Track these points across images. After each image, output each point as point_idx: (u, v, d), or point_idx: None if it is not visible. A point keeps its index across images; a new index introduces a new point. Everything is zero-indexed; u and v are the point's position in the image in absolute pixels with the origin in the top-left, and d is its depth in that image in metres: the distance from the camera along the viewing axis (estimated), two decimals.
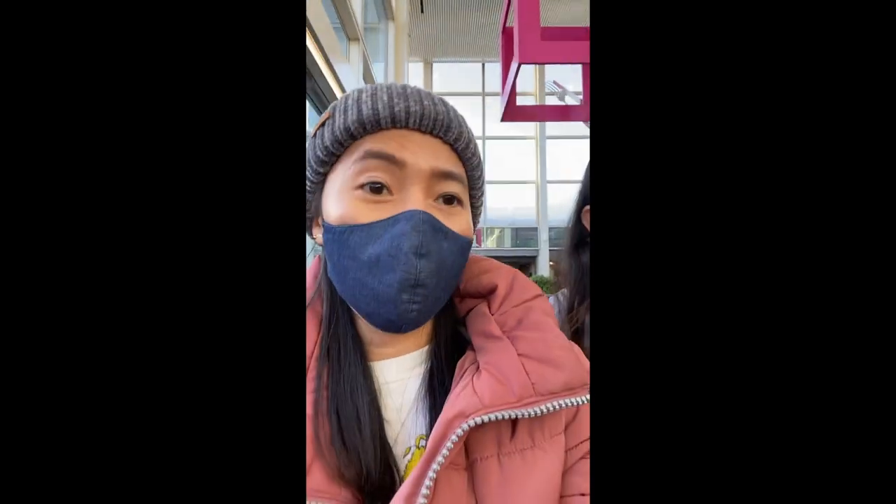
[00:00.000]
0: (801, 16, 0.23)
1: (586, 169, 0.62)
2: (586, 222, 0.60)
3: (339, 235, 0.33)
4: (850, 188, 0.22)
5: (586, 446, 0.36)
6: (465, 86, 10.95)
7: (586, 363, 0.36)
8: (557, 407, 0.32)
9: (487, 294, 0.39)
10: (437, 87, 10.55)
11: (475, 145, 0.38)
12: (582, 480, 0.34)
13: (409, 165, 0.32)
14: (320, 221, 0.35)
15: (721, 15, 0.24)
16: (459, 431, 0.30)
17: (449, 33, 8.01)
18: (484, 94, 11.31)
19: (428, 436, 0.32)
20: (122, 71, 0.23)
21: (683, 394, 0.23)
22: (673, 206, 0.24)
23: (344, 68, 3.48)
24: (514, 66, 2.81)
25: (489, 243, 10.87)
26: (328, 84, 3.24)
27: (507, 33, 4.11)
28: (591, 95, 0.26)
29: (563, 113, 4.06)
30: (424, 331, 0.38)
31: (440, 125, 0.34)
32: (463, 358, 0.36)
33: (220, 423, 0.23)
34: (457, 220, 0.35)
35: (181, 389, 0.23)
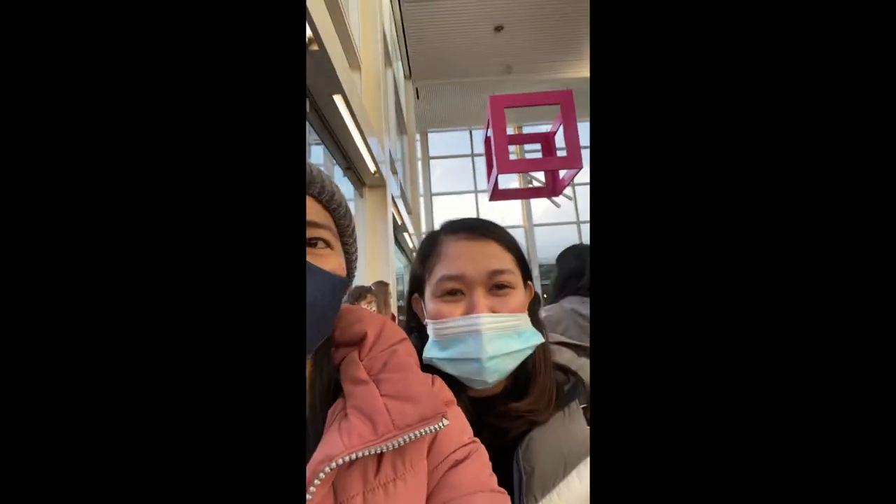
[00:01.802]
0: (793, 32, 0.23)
1: (416, 253, 0.60)
2: (416, 310, 0.59)
3: None
4: (838, 203, 0.22)
5: (448, 461, 0.39)
6: (456, 150, 12.65)
7: (445, 394, 0.43)
8: (414, 436, 0.35)
9: (359, 342, 0.42)
10: (433, 152, 12.17)
11: (339, 198, 0.42)
12: (449, 491, 0.38)
13: None
14: None
15: (715, 29, 0.24)
16: (322, 474, 0.31)
17: (440, 110, 9.73)
18: (473, 156, 12.98)
19: None
20: (124, 78, 0.23)
21: (682, 394, 0.23)
22: (670, 210, 0.24)
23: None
24: (494, 171, 4.68)
25: None
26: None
27: (487, 142, 6.18)
28: (591, 96, 0.27)
29: (534, 192, 5.93)
30: None
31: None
32: (333, 406, 0.38)
33: (215, 426, 0.23)
34: (325, 261, 0.38)
35: (181, 389, 0.23)
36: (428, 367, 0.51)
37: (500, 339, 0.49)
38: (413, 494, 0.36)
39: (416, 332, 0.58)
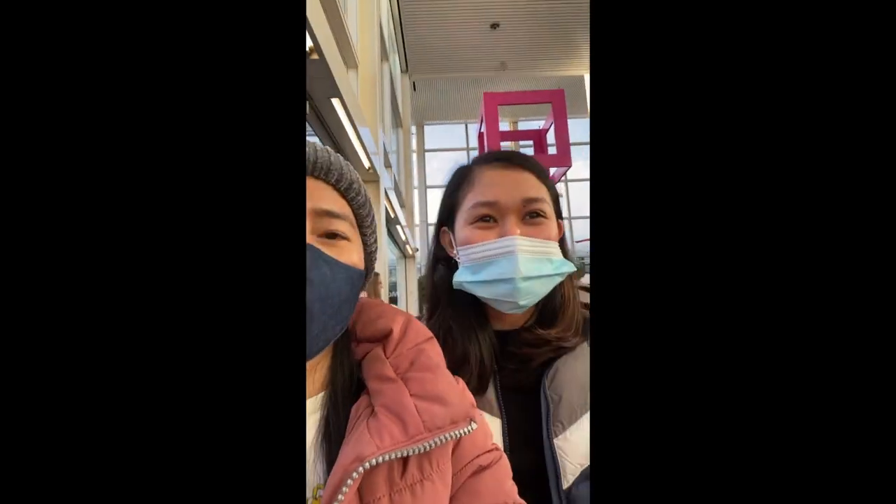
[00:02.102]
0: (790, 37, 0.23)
1: (445, 187, 0.60)
2: (444, 243, 0.59)
3: None
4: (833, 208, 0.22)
5: (472, 466, 0.38)
6: (451, 143, 12.75)
7: (470, 397, 0.41)
8: (444, 440, 0.34)
9: (382, 338, 0.41)
10: (428, 145, 12.28)
11: (358, 186, 0.40)
12: (470, 498, 0.37)
13: None
14: None
15: (714, 27, 0.24)
16: (354, 475, 0.31)
17: (436, 103, 9.83)
18: (468, 149, 13.10)
19: (325, 485, 0.32)
20: (124, 78, 0.23)
21: (681, 396, 0.23)
22: (669, 207, 0.24)
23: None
24: None
25: None
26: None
27: (481, 137, 6.42)
28: (590, 93, 0.31)
29: None
30: (319, 377, 0.40)
31: (320, 168, 0.37)
32: (357, 403, 0.38)
33: (213, 426, 0.23)
34: (342, 253, 0.37)
35: (180, 390, 0.23)
36: (458, 295, 0.54)
37: (533, 261, 0.50)
38: (439, 497, 0.35)
39: (445, 263, 0.59)
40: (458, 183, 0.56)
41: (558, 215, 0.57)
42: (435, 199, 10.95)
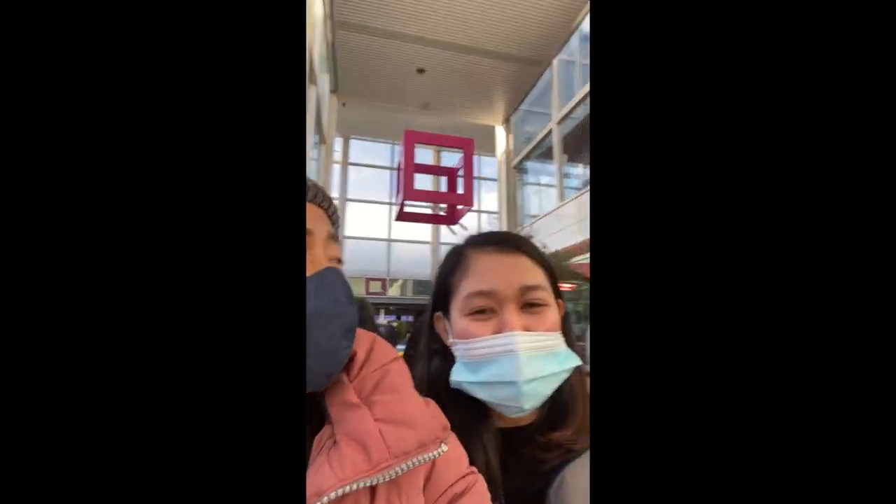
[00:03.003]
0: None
1: (438, 270, 0.55)
2: (439, 330, 0.53)
3: None
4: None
5: (447, 495, 0.36)
6: (378, 160, 13.24)
7: (441, 418, 0.38)
8: (411, 465, 0.32)
9: (346, 361, 0.39)
10: (353, 159, 12.58)
11: (333, 205, 0.43)
12: None
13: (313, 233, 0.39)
14: None
15: (712, 32, 0.24)
16: None
17: (365, 121, 10.32)
18: (392, 168, 13.66)
19: None
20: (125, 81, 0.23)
21: (682, 395, 0.23)
22: (668, 212, 0.24)
23: None
24: (401, 196, 5.59)
25: (393, 291, 12.74)
26: None
27: (399, 170, 7.18)
28: (590, 101, 0.27)
29: (435, 219, 6.96)
30: None
31: (322, 197, 0.41)
32: (320, 433, 0.36)
33: (216, 436, 0.23)
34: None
35: (180, 391, 0.22)
36: (457, 392, 0.49)
37: (537, 360, 0.45)
38: None
39: (441, 354, 0.53)
40: (452, 268, 0.53)
41: (557, 296, 0.53)
42: (355, 212, 11.24)
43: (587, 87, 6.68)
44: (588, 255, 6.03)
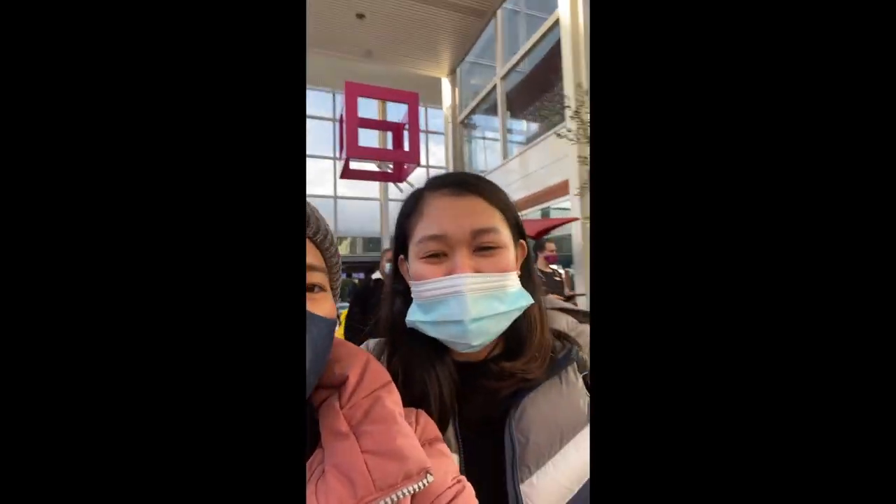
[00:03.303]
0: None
1: (399, 213, 0.55)
2: (403, 272, 0.54)
3: None
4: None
5: (438, 502, 0.37)
6: (320, 111, 12.51)
7: (429, 431, 0.41)
8: (397, 498, 0.33)
9: (339, 385, 0.40)
10: None
11: (331, 237, 0.41)
12: None
13: None
14: None
15: (712, 30, 0.24)
16: None
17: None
18: (334, 120, 13.00)
19: None
20: (124, 79, 0.23)
21: (682, 391, 0.23)
22: (669, 210, 0.24)
23: None
24: (344, 154, 5.50)
25: (342, 250, 12.65)
26: None
27: (341, 121, 6.95)
28: (590, 100, 0.27)
29: (381, 176, 6.85)
30: None
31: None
32: (312, 458, 0.37)
33: (215, 429, 0.23)
34: (319, 305, 0.38)
35: (180, 391, 0.22)
36: (413, 331, 0.51)
37: (484, 300, 0.47)
38: None
39: (402, 295, 0.55)
40: (409, 211, 0.53)
41: (521, 237, 0.54)
42: None
43: (533, 39, 6.68)
44: (528, 210, 6.36)
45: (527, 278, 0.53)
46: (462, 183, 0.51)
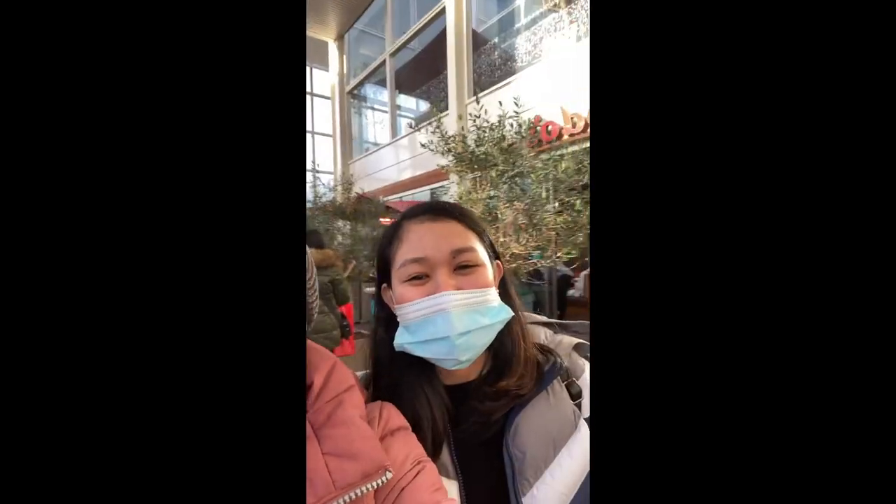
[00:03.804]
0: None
1: (378, 242, 0.58)
2: (386, 300, 0.56)
3: None
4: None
5: (396, 489, 0.40)
6: None
7: (392, 422, 0.44)
8: (355, 496, 0.35)
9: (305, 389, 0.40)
10: None
11: (315, 287, 0.43)
12: None
13: None
14: None
15: (711, 29, 0.24)
16: None
17: None
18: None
19: None
20: (124, 76, 0.23)
21: (681, 393, 0.23)
22: (668, 211, 0.24)
23: None
24: None
25: None
26: None
27: None
28: (590, 100, 0.27)
29: None
30: None
31: None
32: None
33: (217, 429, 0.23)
34: None
35: (179, 392, 0.23)
36: (401, 354, 0.52)
37: (468, 315, 0.48)
38: None
39: (386, 322, 0.57)
40: (390, 240, 0.56)
41: (495, 257, 0.57)
42: None
43: (422, 21, 6.79)
44: (417, 191, 6.68)
45: (505, 294, 0.56)
46: (438, 209, 0.55)
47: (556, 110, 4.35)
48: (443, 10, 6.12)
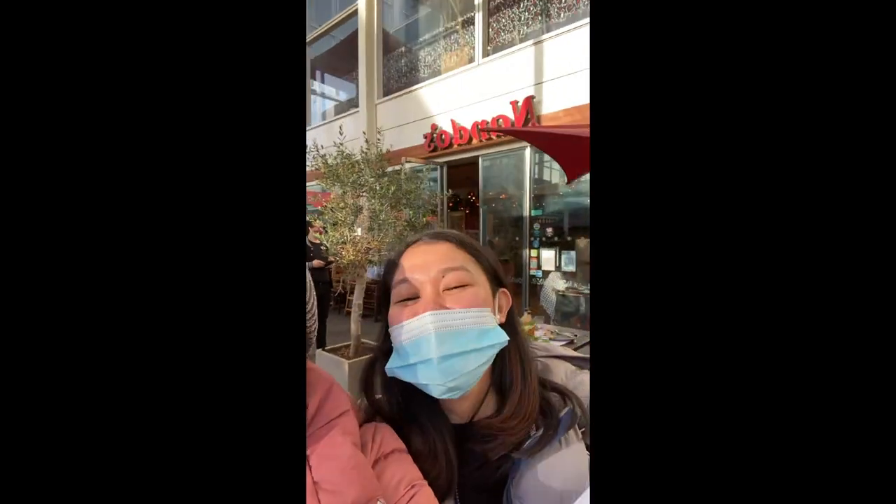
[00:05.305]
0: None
1: (382, 275, 0.56)
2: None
3: None
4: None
5: None
6: None
7: (386, 445, 0.43)
8: None
9: None
10: None
11: (314, 310, 0.44)
12: None
13: None
14: None
15: (711, 28, 0.24)
16: None
17: None
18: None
19: None
20: (124, 75, 0.23)
21: (682, 397, 0.23)
22: (669, 209, 0.24)
23: None
24: None
25: None
26: None
27: None
28: (590, 99, 0.27)
29: None
30: None
31: None
32: None
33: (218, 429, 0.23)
34: None
35: (180, 392, 0.22)
36: (394, 380, 0.50)
37: (451, 337, 0.45)
38: None
39: (386, 354, 0.52)
40: (391, 269, 0.54)
41: (500, 285, 0.53)
42: None
43: (341, 16, 6.85)
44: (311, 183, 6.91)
45: (509, 326, 0.52)
46: (436, 234, 0.54)
47: (447, 121, 5.05)
48: (355, 12, 6.32)
